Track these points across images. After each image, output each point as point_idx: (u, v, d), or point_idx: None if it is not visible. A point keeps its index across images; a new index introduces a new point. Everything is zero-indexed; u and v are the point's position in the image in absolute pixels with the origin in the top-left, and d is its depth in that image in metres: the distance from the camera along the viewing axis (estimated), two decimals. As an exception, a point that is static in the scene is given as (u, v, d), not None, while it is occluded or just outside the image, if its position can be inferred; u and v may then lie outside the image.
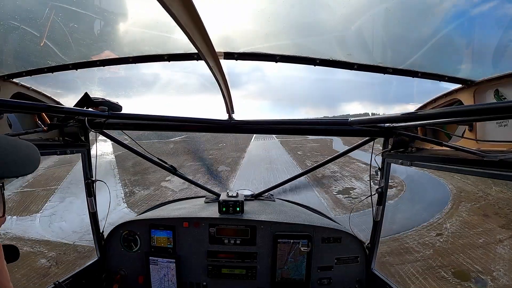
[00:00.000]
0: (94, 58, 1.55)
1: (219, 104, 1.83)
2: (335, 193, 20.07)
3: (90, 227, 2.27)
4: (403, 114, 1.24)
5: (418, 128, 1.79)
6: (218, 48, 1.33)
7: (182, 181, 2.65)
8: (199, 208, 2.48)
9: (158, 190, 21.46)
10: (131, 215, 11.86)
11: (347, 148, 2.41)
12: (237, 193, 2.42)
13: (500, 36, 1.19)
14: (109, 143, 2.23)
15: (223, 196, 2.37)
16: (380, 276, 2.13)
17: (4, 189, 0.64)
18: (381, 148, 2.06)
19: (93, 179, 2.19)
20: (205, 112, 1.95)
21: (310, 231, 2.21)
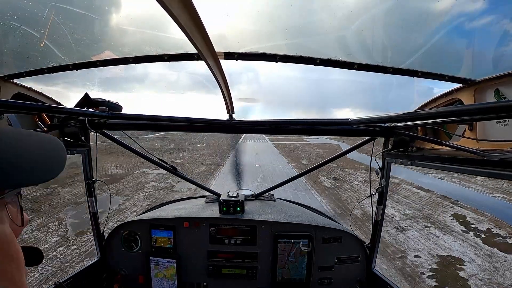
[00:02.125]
0: (94, 59, 1.55)
1: (219, 104, 1.83)
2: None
3: (91, 227, 2.27)
4: (403, 114, 1.23)
5: (419, 127, 1.79)
6: (218, 48, 1.33)
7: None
8: (200, 208, 2.48)
9: (47, 227, 8.95)
10: None
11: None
12: (237, 193, 2.42)
13: (500, 35, 1.19)
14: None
15: (223, 196, 2.38)
16: (381, 276, 2.13)
17: (21, 198, 0.58)
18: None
19: (94, 179, 2.20)
20: (205, 112, 1.95)
21: (310, 231, 2.21)
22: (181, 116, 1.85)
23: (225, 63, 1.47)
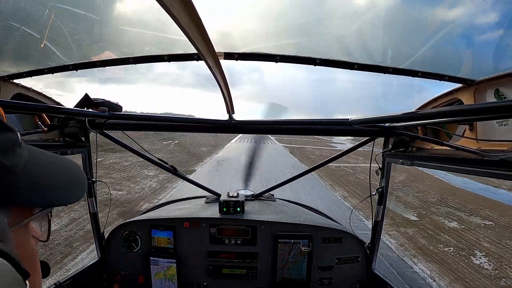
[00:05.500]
0: (94, 59, 1.55)
1: (219, 104, 1.83)
2: None
3: (91, 227, 2.27)
4: (403, 114, 1.23)
5: (419, 127, 1.79)
6: (218, 48, 1.33)
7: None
8: (200, 208, 2.48)
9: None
10: None
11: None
12: (237, 193, 2.42)
13: (500, 35, 1.19)
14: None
15: (223, 196, 2.38)
16: (381, 276, 2.13)
17: (51, 216, 0.60)
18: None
19: (94, 179, 2.20)
20: (205, 112, 1.95)
21: (310, 231, 2.21)
22: (181, 116, 1.85)
23: (226, 63, 1.47)
